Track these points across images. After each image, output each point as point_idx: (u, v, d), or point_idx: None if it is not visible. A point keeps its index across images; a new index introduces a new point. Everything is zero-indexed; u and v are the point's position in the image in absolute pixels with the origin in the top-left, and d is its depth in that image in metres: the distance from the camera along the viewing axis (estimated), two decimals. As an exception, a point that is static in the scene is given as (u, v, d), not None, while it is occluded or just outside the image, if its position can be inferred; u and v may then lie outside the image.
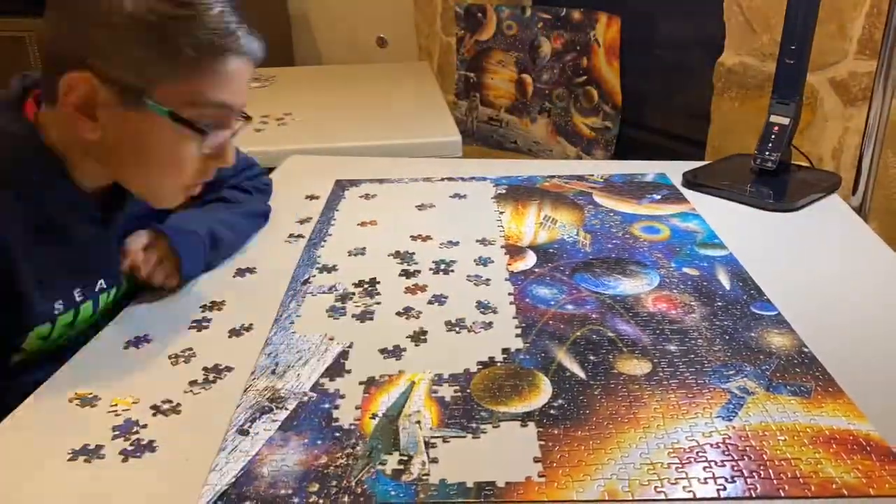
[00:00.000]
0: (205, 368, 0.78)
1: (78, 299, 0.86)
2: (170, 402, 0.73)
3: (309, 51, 3.19)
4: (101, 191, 0.87)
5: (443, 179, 1.29)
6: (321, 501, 0.61)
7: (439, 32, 2.73)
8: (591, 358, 0.79)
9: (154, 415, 0.71)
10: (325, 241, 1.07)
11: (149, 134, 0.79)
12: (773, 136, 1.24)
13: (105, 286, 0.89)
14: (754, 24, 1.74)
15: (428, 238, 1.07)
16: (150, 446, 0.67)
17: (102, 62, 0.75)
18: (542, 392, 0.74)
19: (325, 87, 2.11)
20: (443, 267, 0.99)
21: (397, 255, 1.02)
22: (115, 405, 0.73)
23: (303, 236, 1.09)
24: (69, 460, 0.66)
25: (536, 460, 0.65)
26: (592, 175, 1.30)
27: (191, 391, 0.75)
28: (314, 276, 0.97)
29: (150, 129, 0.79)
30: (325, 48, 3.19)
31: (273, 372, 0.77)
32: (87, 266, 0.87)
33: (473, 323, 0.86)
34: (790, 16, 1.18)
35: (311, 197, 1.22)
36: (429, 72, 2.30)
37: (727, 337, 0.82)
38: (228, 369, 0.78)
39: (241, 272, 0.99)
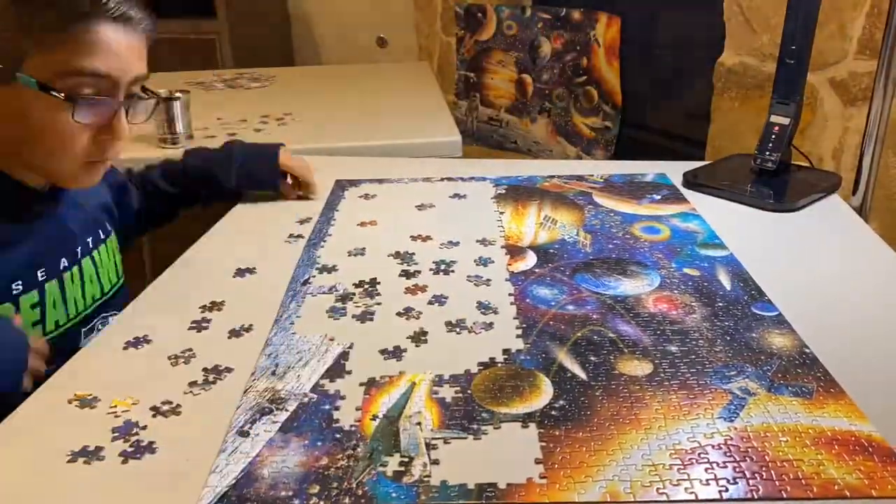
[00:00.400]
0: (205, 369, 0.78)
1: (41, 278, 0.88)
2: (169, 403, 0.73)
3: (309, 51, 3.19)
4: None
5: (443, 179, 1.29)
6: (322, 503, 0.61)
7: (439, 32, 2.73)
8: (592, 359, 0.79)
9: (154, 416, 0.71)
10: (325, 241, 1.07)
11: (25, 107, 0.79)
12: (773, 136, 1.23)
13: (67, 265, 0.91)
14: (754, 24, 1.74)
15: (428, 238, 1.07)
16: (150, 448, 0.67)
17: None
18: (543, 393, 0.73)
19: (325, 87, 2.11)
20: (443, 267, 0.99)
21: (397, 255, 1.02)
22: (115, 406, 0.73)
23: (302, 236, 1.09)
24: (69, 462, 0.65)
25: (538, 462, 0.65)
26: (592, 175, 1.29)
27: (190, 392, 0.75)
28: (314, 276, 0.97)
29: (25, 104, 0.79)
30: (325, 48, 3.19)
31: (273, 373, 0.77)
32: (42, 248, 0.88)
33: (474, 323, 0.86)
34: (790, 16, 1.18)
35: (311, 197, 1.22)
36: (429, 72, 2.30)
37: (728, 337, 0.82)
38: (228, 370, 0.78)
39: (240, 272, 0.99)
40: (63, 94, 0.79)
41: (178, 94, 1.55)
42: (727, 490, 0.62)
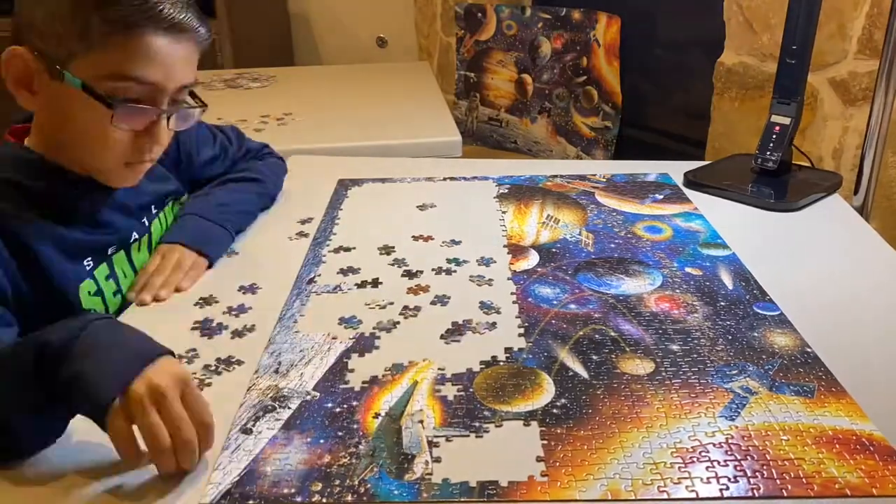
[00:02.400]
0: (207, 367, 0.78)
1: (109, 253, 0.92)
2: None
3: (309, 51, 3.19)
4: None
5: (445, 179, 1.29)
6: (324, 500, 0.61)
7: (439, 32, 2.73)
8: (594, 357, 0.79)
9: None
10: (329, 240, 1.07)
11: (70, 106, 0.82)
12: (774, 136, 1.24)
13: (136, 237, 0.96)
14: (754, 24, 1.74)
15: (430, 238, 1.07)
16: (154, 445, 0.67)
17: (35, 36, 0.81)
18: (545, 391, 0.74)
19: (325, 87, 2.11)
20: (445, 267, 0.99)
21: (400, 255, 1.02)
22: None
23: (307, 235, 1.09)
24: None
25: (539, 459, 0.65)
26: (594, 175, 1.30)
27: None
28: (319, 275, 0.97)
29: (70, 102, 0.81)
30: (325, 48, 3.19)
31: (276, 371, 0.77)
32: (98, 232, 0.91)
33: (476, 323, 0.86)
34: (791, 16, 1.18)
35: (314, 196, 1.22)
36: (429, 72, 2.30)
37: (730, 337, 0.82)
38: (231, 368, 0.78)
39: (244, 271, 0.99)
40: (104, 98, 0.80)
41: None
42: (728, 488, 0.62)
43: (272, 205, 1.18)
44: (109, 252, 0.93)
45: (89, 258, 0.89)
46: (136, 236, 0.97)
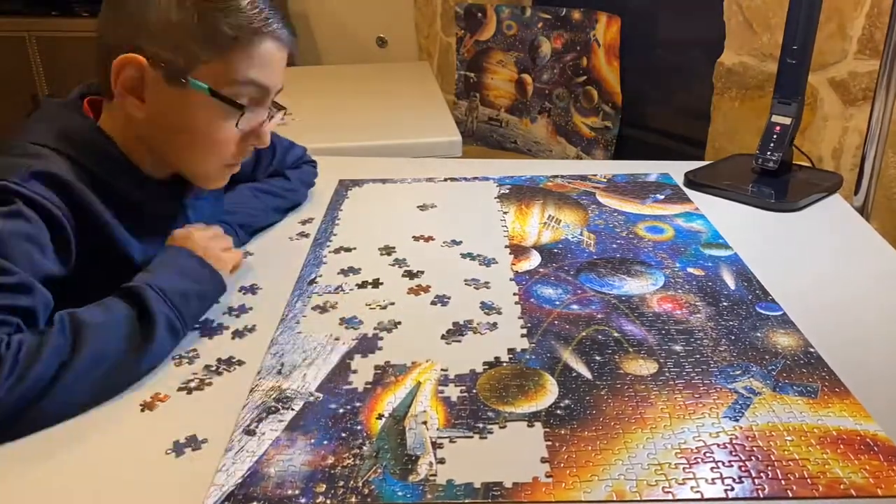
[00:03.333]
0: (208, 368, 0.78)
1: None
2: (174, 402, 0.73)
3: (309, 51, 3.19)
4: (167, 179, 0.93)
5: (445, 180, 1.29)
6: (328, 502, 0.61)
7: (439, 32, 2.73)
8: (597, 358, 0.79)
9: (159, 415, 0.71)
10: (330, 240, 1.07)
11: (190, 111, 0.85)
12: (774, 136, 1.24)
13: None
14: (754, 24, 1.74)
15: (431, 238, 1.07)
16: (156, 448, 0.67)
17: (149, 43, 0.82)
18: (549, 392, 0.74)
19: (325, 87, 2.11)
20: (446, 267, 0.99)
21: (401, 255, 1.02)
22: (121, 406, 0.73)
23: (307, 235, 1.09)
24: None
25: (544, 461, 0.65)
26: (596, 175, 1.29)
27: (196, 391, 0.75)
28: (320, 276, 0.97)
29: (192, 107, 0.84)
30: (325, 48, 3.19)
31: (279, 372, 0.77)
32: (164, 238, 0.91)
33: (479, 323, 0.86)
34: (792, 16, 1.18)
35: (314, 196, 1.22)
36: (429, 72, 2.30)
37: (733, 337, 0.82)
38: (232, 369, 0.78)
39: (245, 272, 0.98)
40: (234, 101, 0.84)
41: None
42: (733, 489, 0.62)
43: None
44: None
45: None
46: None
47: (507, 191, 1.23)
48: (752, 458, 0.65)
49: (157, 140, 0.87)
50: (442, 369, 0.77)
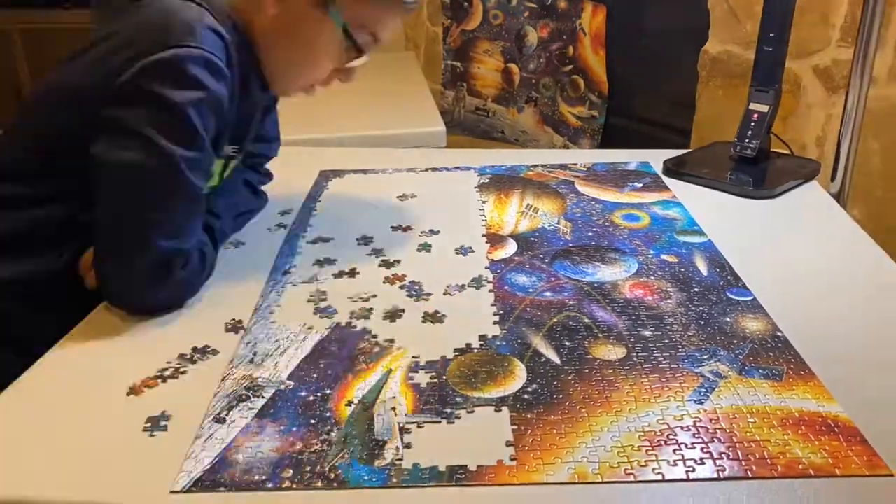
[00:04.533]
0: (182, 357, 0.79)
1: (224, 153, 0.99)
2: (147, 389, 0.74)
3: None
4: None
5: (427, 170, 1.30)
6: (294, 486, 0.62)
7: (426, 22, 2.73)
8: (567, 344, 0.79)
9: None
10: (306, 231, 1.08)
11: (314, 33, 0.93)
12: (752, 124, 1.24)
13: (231, 153, 1.01)
14: (738, 12, 1.75)
15: (409, 228, 1.08)
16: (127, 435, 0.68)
17: None
18: (517, 378, 0.74)
19: (312, 78, 2.10)
20: (422, 256, 0.99)
21: (378, 245, 1.03)
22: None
23: (285, 226, 1.09)
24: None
25: (509, 444, 0.66)
26: (576, 164, 1.30)
27: (171, 380, 0.75)
28: (295, 266, 0.98)
29: (320, 32, 0.93)
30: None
31: (251, 361, 0.78)
32: (237, 128, 0.97)
33: (452, 311, 0.86)
34: (769, 4, 1.19)
35: (295, 187, 1.22)
36: (415, 62, 2.30)
37: (702, 322, 0.83)
38: (206, 358, 0.79)
39: (221, 262, 0.99)
40: (358, 45, 0.93)
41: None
42: (694, 470, 0.63)
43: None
44: (224, 152, 0.98)
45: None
46: (234, 157, 1.03)
47: (487, 180, 1.24)
48: (715, 440, 0.66)
49: (269, 41, 0.94)
50: (413, 356, 0.78)
